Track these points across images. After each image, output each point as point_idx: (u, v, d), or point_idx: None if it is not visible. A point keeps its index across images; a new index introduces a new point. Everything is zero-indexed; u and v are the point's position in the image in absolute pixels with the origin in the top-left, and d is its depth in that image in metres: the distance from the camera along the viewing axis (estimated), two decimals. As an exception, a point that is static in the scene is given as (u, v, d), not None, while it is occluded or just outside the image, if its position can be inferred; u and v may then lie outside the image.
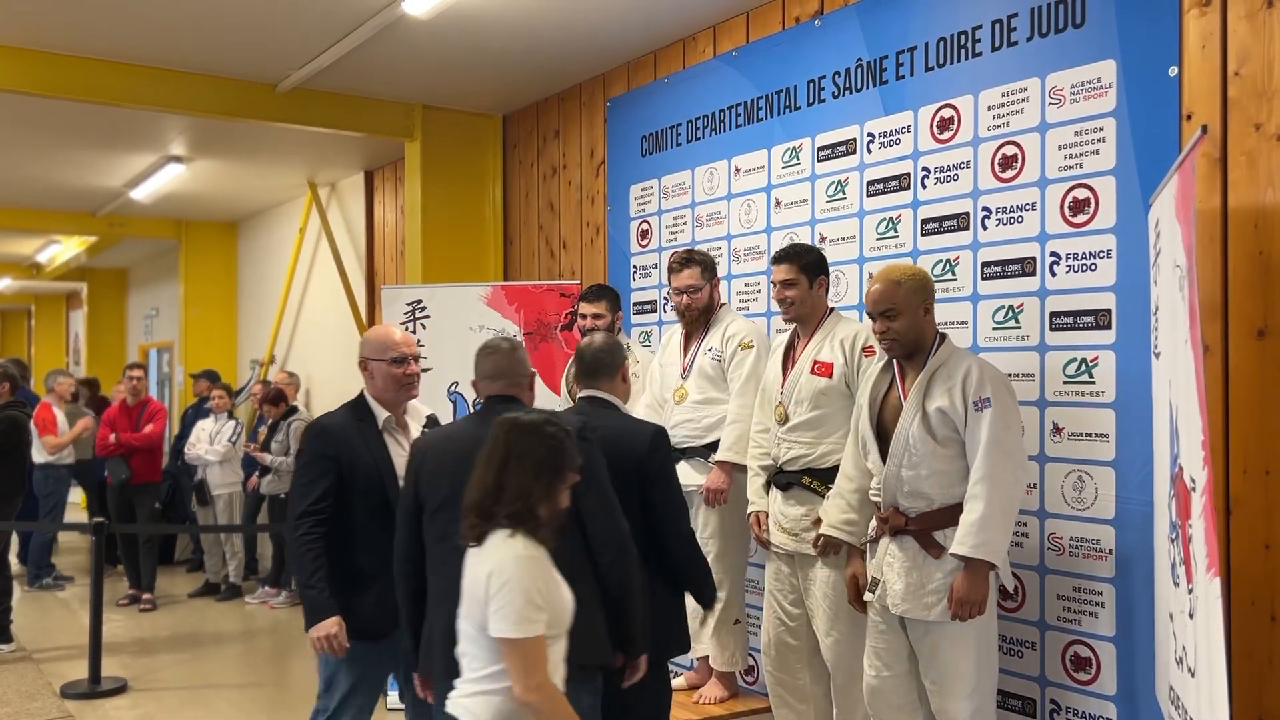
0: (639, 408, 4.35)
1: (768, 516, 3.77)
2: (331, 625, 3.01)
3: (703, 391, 4.13)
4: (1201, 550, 2.23)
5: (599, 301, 4.56)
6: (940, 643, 3.03)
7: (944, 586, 2.98)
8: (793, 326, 3.80)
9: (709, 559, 4.06)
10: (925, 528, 3.04)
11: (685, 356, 4.21)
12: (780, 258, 3.72)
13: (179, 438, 9.02)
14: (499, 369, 2.91)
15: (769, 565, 3.80)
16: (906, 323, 3.09)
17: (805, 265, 3.69)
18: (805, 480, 3.60)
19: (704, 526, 4.10)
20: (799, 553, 3.61)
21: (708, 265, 4.18)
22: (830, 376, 3.59)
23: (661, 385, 4.30)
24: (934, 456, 3.02)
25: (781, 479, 3.69)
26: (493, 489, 2.36)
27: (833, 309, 3.78)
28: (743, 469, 3.96)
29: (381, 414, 3.25)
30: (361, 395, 3.30)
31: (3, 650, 6.47)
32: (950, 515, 3.01)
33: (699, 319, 4.19)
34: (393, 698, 5.16)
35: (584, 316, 4.59)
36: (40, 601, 8.08)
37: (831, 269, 4.14)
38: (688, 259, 4.16)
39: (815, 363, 3.64)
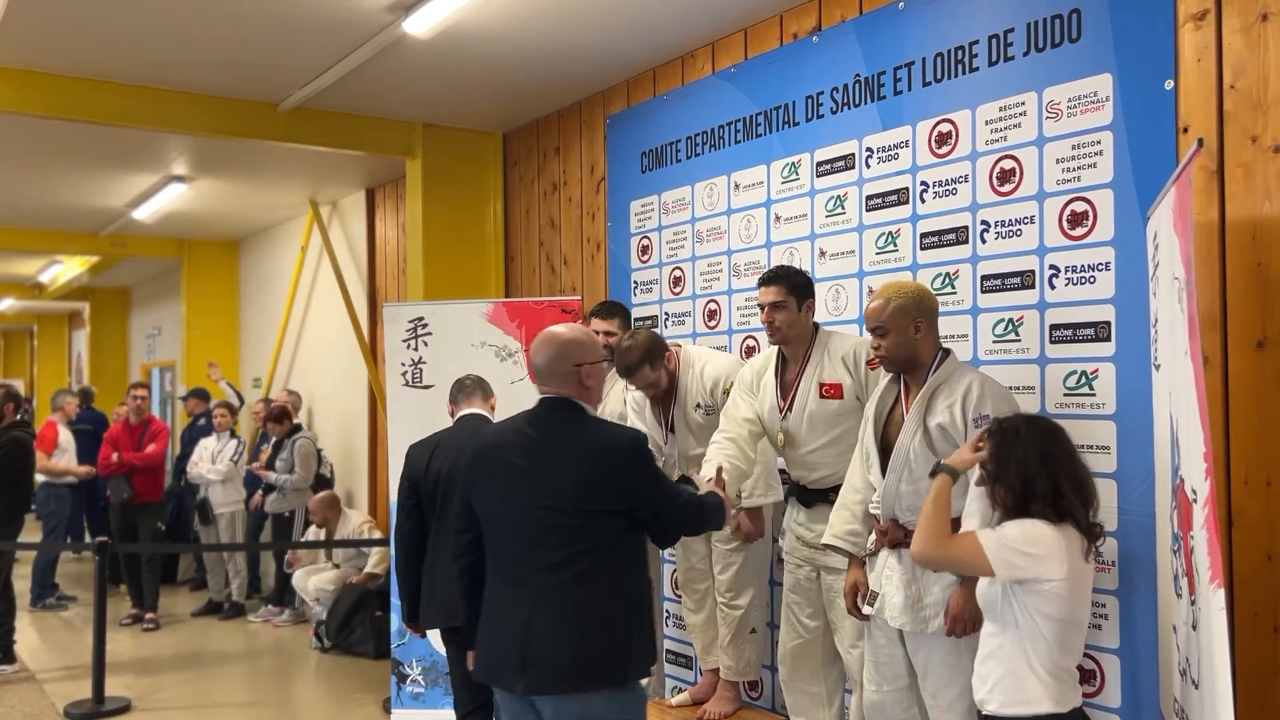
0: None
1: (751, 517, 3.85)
2: None
3: (702, 444, 4.06)
4: (1204, 562, 2.23)
5: (612, 319, 4.57)
6: (936, 656, 3.03)
7: (941, 600, 2.98)
8: (776, 348, 3.79)
9: (732, 570, 4.06)
10: (925, 541, 3.04)
11: (665, 425, 4.18)
12: (768, 279, 3.68)
13: (180, 458, 9.04)
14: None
15: (787, 577, 3.78)
16: (894, 340, 3.12)
17: (793, 287, 3.65)
18: (833, 497, 3.52)
19: (726, 538, 4.07)
20: (824, 564, 3.60)
21: (653, 356, 4.03)
22: (842, 397, 3.58)
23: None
24: (933, 470, 3.03)
25: (806, 497, 3.68)
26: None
27: (818, 326, 3.77)
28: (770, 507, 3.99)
29: None
30: (582, 409, 2.82)
31: (6, 670, 6.47)
32: (950, 529, 3.01)
33: (668, 392, 4.16)
34: (396, 715, 5.14)
35: (597, 333, 4.59)
36: (43, 621, 8.08)
37: (831, 283, 4.17)
38: (634, 365, 4.01)
39: (823, 386, 3.62)
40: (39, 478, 8.52)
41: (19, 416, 6.94)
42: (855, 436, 3.50)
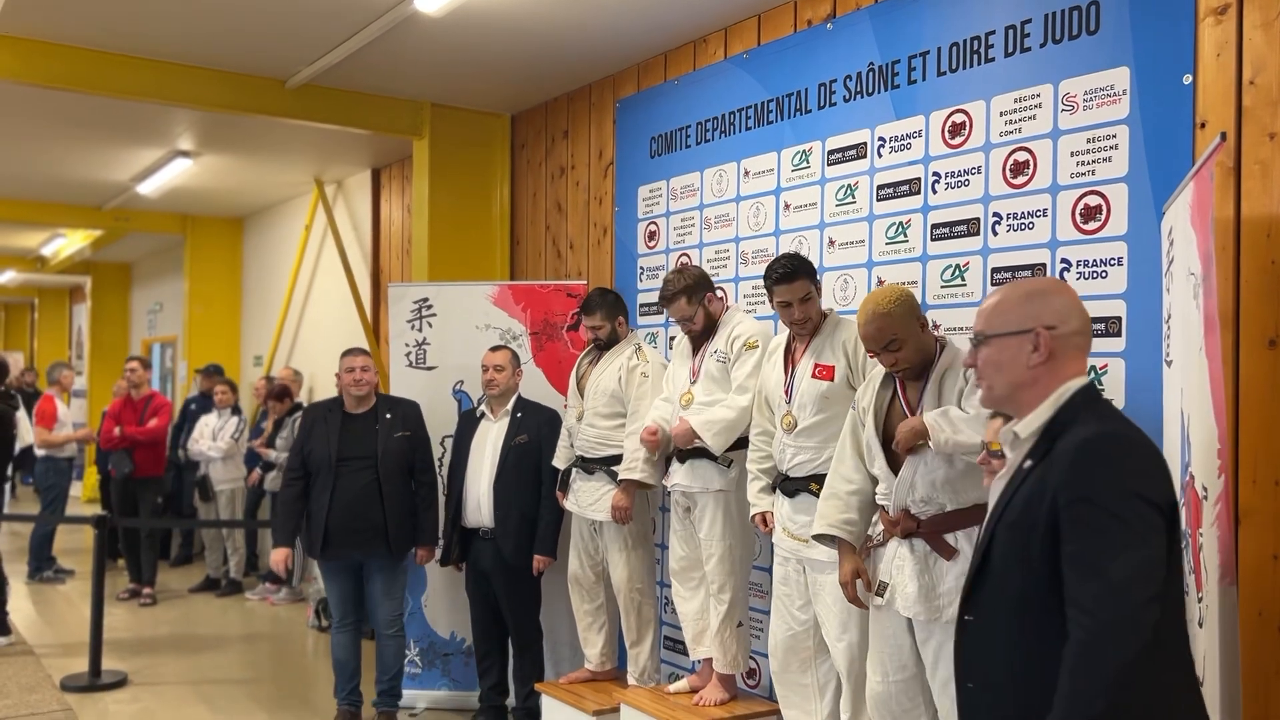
0: (654, 409, 4.35)
1: (772, 515, 3.78)
2: None
3: (709, 394, 4.13)
4: (1214, 559, 2.22)
5: (594, 314, 4.56)
6: (948, 645, 3.01)
7: (955, 589, 2.97)
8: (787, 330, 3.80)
9: (713, 561, 4.09)
10: (937, 530, 3.04)
11: (695, 361, 4.22)
12: (788, 276, 3.62)
13: (175, 429, 8.96)
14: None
15: (776, 570, 3.78)
16: (911, 347, 3.12)
17: (812, 276, 3.68)
18: (813, 487, 3.57)
19: (709, 527, 4.10)
20: (807, 558, 3.60)
21: (694, 289, 4.12)
22: (832, 380, 3.58)
23: (673, 388, 4.30)
24: (948, 463, 3.02)
25: (788, 486, 3.68)
26: None
27: (828, 311, 3.77)
28: (713, 456, 4.03)
29: None
30: None
31: (1, 643, 6.46)
32: (961, 518, 3.00)
33: (703, 335, 4.20)
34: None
35: (585, 329, 4.64)
36: (40, 594, 8.08)
37: (840, 273, 4.16)
38: (672, 294, 4.13)
39: (817, 366, 3.63)
40: (39, 451, 8.53)
41: (3, 388, 6.91)
42: (836, 425, 3.50)
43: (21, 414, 7.66)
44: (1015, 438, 2.07)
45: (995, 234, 3.60)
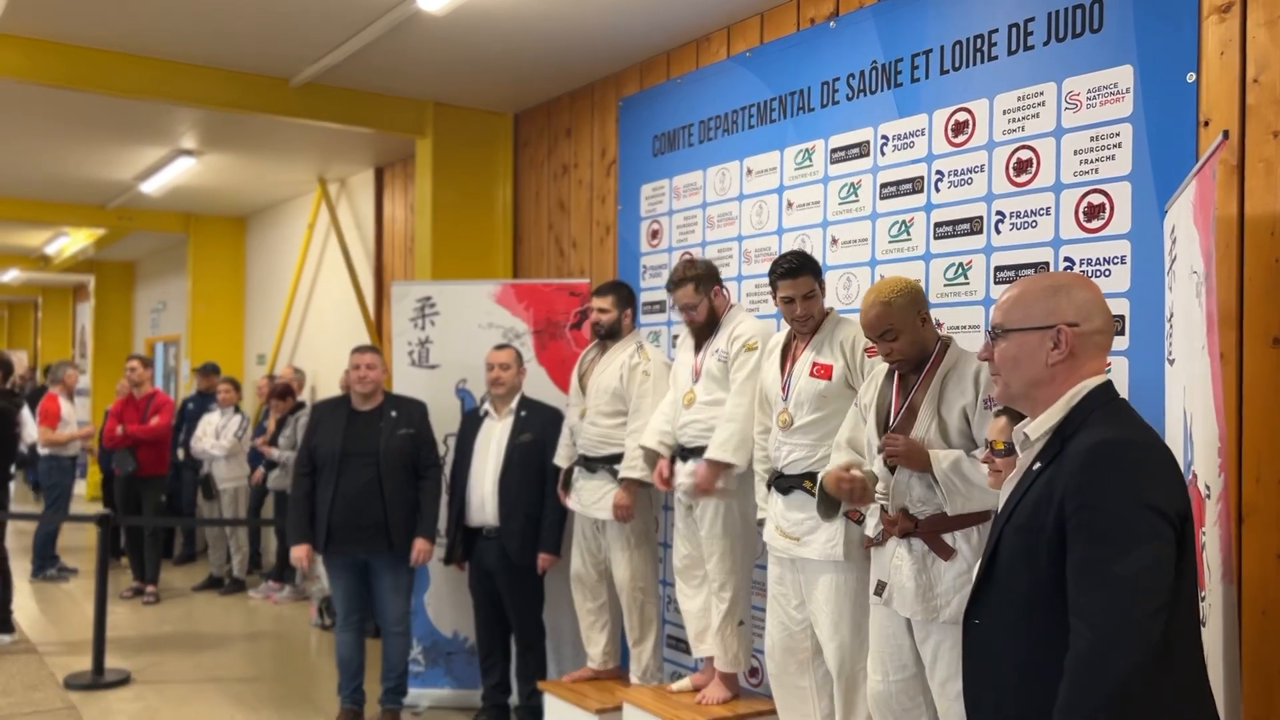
0: (661, 406, 4.35)
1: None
2: None
3: (710, 393, 4.13)
4: (1216, 558, 2.22)
5: (605, 296, 4.61)
6: (946, 645, 3.01)
7: (953, 589, 2.98)
8: (787, 327, 3.80)
9: (714, 559, 4.09)
10: (934, 530, 3.03)
11: (696, 359, 4.22)
12: (793, 271, 3.63)
13: (175, 428, 8.95)
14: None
15: (771, 569, 3.78)
16: (908, 339, 3.12)
17: (817, 273, 3.69)
18: (807, 485, 3.58)
19: (709, 525, 4.10)
20: (800, 558, 3.59)
21: (703, 279, 4.15)
22: (830, 379, 3.58)
23: (677, 384, 4.30)
24: (945, 462, 3.02)
25: (783, 483, 3.68)
26: None
27: (830, 309, 3.78)
28: (733, 468, 3.99)
29: None
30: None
31: (4, 640, 6.47)
32: (959, 518, 3.00)
33: (705, 329, 4.20)
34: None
35: (593, 310, 4.65)
36: (44, 592, 8.09)
37: (843, 271, 4.16)
38: (680, 279, 4.16)
39: (815, 365, 3.62)
40: (43, 450, 8.55)
41: (8, 386, 6.91)
42: (832, 424, 3.51)
43: (25, 413, 7.67)
44: (1026, 439, 2.03)
45: (998, 232, 3.60)
